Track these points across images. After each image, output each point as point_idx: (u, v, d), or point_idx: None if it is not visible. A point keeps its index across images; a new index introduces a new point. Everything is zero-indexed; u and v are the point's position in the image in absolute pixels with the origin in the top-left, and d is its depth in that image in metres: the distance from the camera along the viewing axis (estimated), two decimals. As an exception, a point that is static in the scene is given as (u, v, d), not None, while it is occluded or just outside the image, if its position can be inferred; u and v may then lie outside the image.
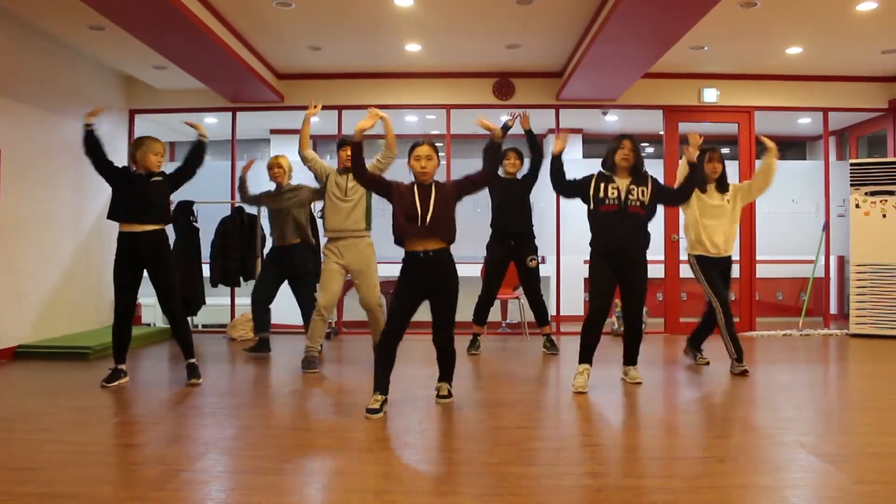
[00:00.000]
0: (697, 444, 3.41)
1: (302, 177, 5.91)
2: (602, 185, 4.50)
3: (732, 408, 4.07)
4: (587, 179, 4.59)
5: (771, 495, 2.61)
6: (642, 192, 4.46)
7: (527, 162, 5.85)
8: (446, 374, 4.18)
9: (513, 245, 5.86)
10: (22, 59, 5.83)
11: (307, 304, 5.73)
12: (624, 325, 4.78)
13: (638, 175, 4.51)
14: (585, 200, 4.57)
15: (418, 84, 7.42)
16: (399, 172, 5.55)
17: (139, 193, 4.52)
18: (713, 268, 5.07)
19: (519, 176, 5.92)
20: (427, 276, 3.93)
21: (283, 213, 5.80)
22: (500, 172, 5.90)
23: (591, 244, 4.63)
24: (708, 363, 5.29)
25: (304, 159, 5.34)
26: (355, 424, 3.74)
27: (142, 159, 4.57)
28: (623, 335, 4.80)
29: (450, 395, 4.15)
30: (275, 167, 5.83)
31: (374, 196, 5.08)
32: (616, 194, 4.45)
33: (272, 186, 5.94)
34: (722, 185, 5.13)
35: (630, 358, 4.76)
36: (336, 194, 5.22)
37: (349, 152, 4.80)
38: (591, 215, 4.57)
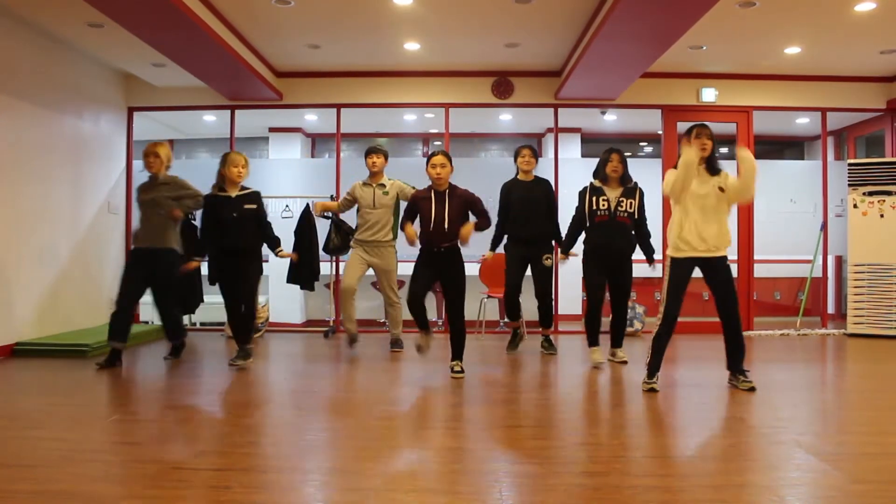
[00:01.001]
0: (695, 443, 3.41)
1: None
2: (594, 199, 5.23)
3: (729, 407, 4.08)
4: (581, 197, 5.34)
5: (768, 494, 2.62)
6: (630, 203, 5.21)
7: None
8: (457, 352, 4.86)
9: (529, 247, 5.72)
10: (20, 56, 5.82)
11: (170, 312, 5.31)
12: (612, 314, 5.49)
13: (626, 186, 5.25)
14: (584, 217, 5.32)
15: (417, 83, 7.41)
16: (405, 172, 5.61)
17: (235, 222, 5.15)
18: (692, 270, 4.39)
19: (534, 173, 5.85)
20: (440, 266, 4.76)
21: (152, 205, 5.16)
22: (517, 174, 5.88)
23: (584, 242, 5.35)
24: (752, 388, 4.37)
25: (344, 210, 6.13)
26: (353, 423, 3.75)
27: (227, 174, 5.19)
28: (610, 322, 5.52)
29: (462, 371, 4.83)
30: (150, 156, 5.17)
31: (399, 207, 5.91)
32: (606, 206, 5.19)
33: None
34: (712, 167, 4.41)
35: (616, 341, 5.52)
36: (365, 205, 5.89)
37: (374, 159, 5.87)
38: (587, 223, 5.30)
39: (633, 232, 5.29)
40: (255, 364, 5.63)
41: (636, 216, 5.24)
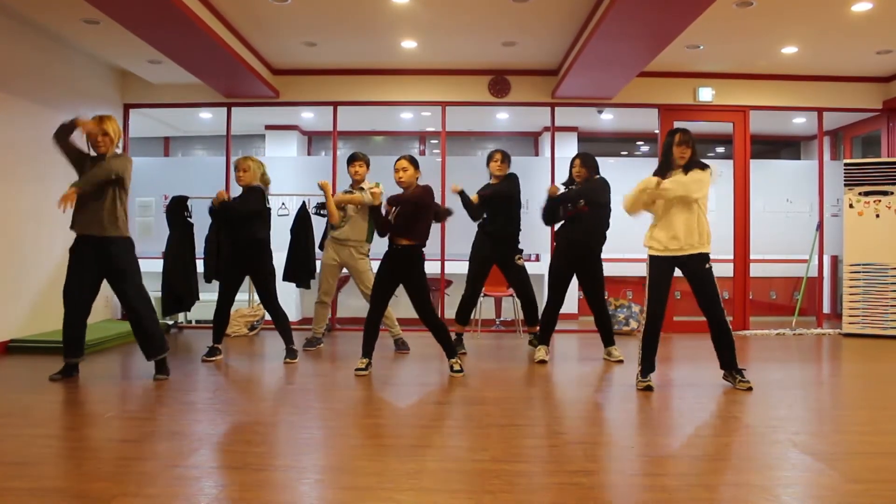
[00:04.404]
0: (690, 442, 3.42)
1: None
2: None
3: (725, 406, 4.08)
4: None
5: (763, 494, 2.62)
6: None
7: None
8: (447, 349, 4.94)
9: (497, 245, 5.73)
10: (16, 53, 5.80)
11: (138, 302, 4.66)
12: (592, 311, 5.47)
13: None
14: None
15: (414, 81, 7.40)
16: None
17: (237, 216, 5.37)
18: (671, 269, 4.43)
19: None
20: (400, 267, 4.87)
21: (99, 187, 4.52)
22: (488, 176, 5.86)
23: (555, 239, 5.57)
24: (750, 387, 4.40)
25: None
26: (348, 421, 3.75)
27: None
28: (595, 321, 5.52)
29: (461, 370, 4.89)
30: (99, 136, 4.58)
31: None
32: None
33: None
34: (688, 167, 4.38)
35: (607, 339, 5.53)
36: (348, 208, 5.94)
37: (357, 168, 5.92)
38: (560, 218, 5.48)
39: (602, 225, 5.39)
40: (251, 362, 5.63)
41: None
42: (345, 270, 6.16)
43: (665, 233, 4.37)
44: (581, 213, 5.33)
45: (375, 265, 5.67)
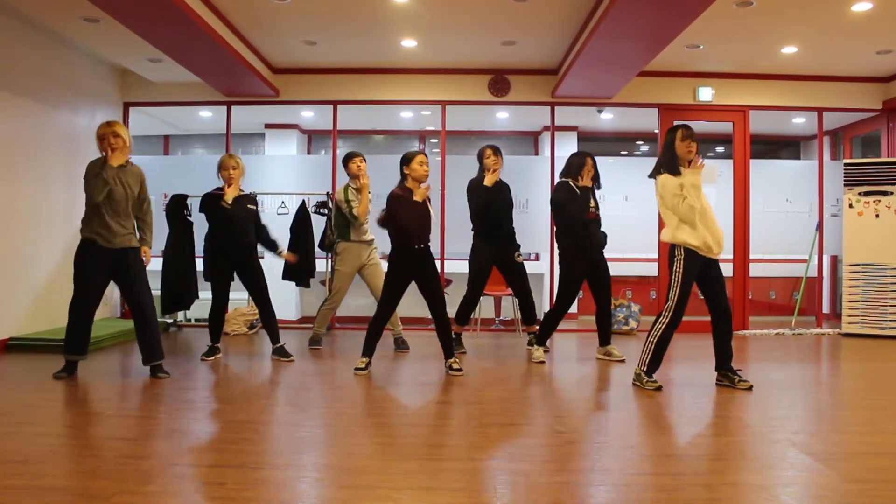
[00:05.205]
0: (689, 442, 3.42)
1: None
2: (586, 197, 5.30)
3: (724, 406, 4.08)
4: (571, 192, 5.28)
5: (762, 493, 2.62)
6: (595, 201, 5.40)
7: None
8: (447, 348, 4.94)
9: (501, 246, 5.77)
10: (15, 52, 5.79)
11: (148, 306, 4.71)
12: (598, 310, 5.49)
13: (594, 185, 5.40)
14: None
15: (414, 80, 7.40)
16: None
17: (226, 217, 5.35)
18: (700, 270, 4.38)
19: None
20: (419, 265, 4.84)
21: (117, 193, 4.53)
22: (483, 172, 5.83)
23: (568, 240, 5.34)
24: (751, 387, 4.40)
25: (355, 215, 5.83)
26: (347, 420, 3.75)
27: (221, 176, 5.44)
28: (598, 319, 5.52)
29: (461, 368, 4.89)
30: (109, 136, 4.50)
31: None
32: (594, 204, 5.36)
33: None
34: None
35: (605, 338, 5.54)
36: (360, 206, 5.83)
37: (359, 162, 5.85)
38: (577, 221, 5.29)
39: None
40: (250, 360, 5.63)
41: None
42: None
43: (710, 235, 4.31)
44: (594, 218, 5.40)
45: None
